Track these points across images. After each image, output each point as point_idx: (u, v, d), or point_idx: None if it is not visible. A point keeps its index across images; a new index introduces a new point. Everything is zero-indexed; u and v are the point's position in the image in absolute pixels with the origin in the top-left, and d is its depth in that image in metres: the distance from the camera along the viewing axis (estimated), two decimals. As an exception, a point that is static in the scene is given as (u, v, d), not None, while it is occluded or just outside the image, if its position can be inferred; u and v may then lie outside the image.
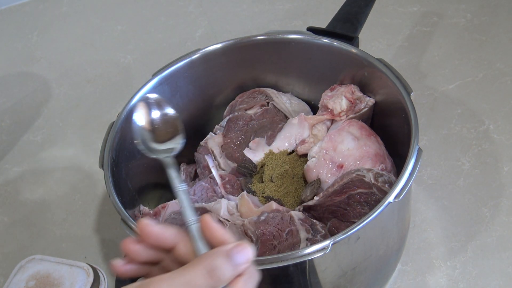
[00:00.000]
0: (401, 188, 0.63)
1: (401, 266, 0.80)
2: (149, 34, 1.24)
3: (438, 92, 1.01)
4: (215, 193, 0.80)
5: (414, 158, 0.66)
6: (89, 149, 1.04)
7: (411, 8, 1.18)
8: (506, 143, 0.92)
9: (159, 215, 0.78)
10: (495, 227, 0.83)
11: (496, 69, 1.04)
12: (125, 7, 1.32)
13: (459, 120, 0.97)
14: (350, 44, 0.81)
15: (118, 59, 1.19)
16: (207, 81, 0.87)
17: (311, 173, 0.78)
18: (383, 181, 0.72)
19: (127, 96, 0.80)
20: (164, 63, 0.83)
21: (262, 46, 0.85)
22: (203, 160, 0.85)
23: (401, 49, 1.10)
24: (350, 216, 0.72)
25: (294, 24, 1.19)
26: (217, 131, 0.89)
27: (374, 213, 0.61)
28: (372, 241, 0.66)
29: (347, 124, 0.79)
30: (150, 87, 0.81)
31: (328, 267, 0.64)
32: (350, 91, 0.82)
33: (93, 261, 0.87)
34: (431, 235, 0.83)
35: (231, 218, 0.74)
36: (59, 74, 1.20)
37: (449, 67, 1.05)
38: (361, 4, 0.87)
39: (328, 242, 0.60)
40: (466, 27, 1.12)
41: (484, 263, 0.79)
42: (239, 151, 0.84)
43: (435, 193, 0.88)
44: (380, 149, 0.78)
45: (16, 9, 1.37)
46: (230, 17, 1.24)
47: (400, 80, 0.74)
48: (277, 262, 0.60)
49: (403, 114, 0.72)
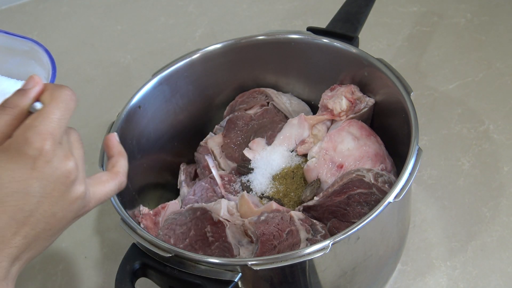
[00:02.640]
0: (401, 188, 0.63)
1: (401, 266, 0.80)
2: (149, 34, 1.24)
3: (438, 92, 1.01)
4: (215, 193, 0.80)
5: (414, 158, 0.66)
6: (89, 149, 1.03)
7: (411, 8, 1.18)
8: (506, 143, 0.92)
9: (159, 215, 0.78)
10: (495, 227, 0.83)
11: (496, 69, 1.04)
12: (125, 7, 1.32)
13: (459, 120, 0.96)
14: (350, 44, 0.81)
15: (118, 59, 1.19)
16: (207, 81, 0.87)
17: (311, 173, 0.78)
18: (383, 181, 0.72)
19: (127, 96, 0.80)
20: (164, 63, 0.83)
21: (262, 46, 0.85)
22: (203, 160, 0.85)
23: (401, 49, 1.10)
24: (350, 216, 0.72)
25: (294, 24, 1.19)
26: (217, 131, 0.89)
27: (374, 213, 0.61)
28: (372, 241, 0.66)
29: (347, 124, 0.79)
30: (150, 87, 0.81)
31: (328, 267, 0.65)
32: (350, 91, 0.82)
33: (93, 261, 0.88)
34: (431, 235, 0.83)
35: (231, 218, 0.74)
36: (59, 74, 1.19)
37: (449, 67, 1.05)
38: (361, 4, 0.87)
39: (328, 242, 0.60)
40: (466, 27, 1.12)
41: (484, 263, 0.79)
42: (239, 151, 0.84)
43: (435, 193, 0.88)
44: (380, 149, 0.78)
45: (16, 9, 1.37)
46: (230, 17, 1.24)
47: (400, 80, 0.74)
48: (277, 262, 0.60)
49: (403, 114, 0.72)
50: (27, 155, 0.48)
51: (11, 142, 0.49)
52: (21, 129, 0.49)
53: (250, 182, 0.81)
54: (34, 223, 0.49)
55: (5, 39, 0.70)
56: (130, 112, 0.78)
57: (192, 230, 0.74)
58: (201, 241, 0.73)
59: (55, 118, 0.49)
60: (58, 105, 0.50)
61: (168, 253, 0.62)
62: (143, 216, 0.78)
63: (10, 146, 0.48)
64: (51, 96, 0.51)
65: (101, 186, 0.55)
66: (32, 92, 0.51)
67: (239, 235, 0.72)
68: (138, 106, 0.80)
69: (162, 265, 0.63)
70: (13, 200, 0.48)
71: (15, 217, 0.48)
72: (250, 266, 0.60)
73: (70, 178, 0.50)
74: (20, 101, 0.51)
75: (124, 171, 0.58)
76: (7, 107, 0.50)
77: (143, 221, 0.77)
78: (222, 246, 0.71)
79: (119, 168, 0.58)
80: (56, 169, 0.49)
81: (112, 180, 0.56)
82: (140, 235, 0.65)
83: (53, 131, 0.49)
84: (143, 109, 0.80)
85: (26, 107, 0.51)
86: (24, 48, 0.70)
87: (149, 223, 0.77)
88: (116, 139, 0.61)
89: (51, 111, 0.50)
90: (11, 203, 0.48)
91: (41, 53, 0.68)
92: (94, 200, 0.54)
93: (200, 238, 0.73)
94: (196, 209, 0.75)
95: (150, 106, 0.81)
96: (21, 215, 0.48)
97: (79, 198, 0.51)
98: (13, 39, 0.70)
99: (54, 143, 0.49)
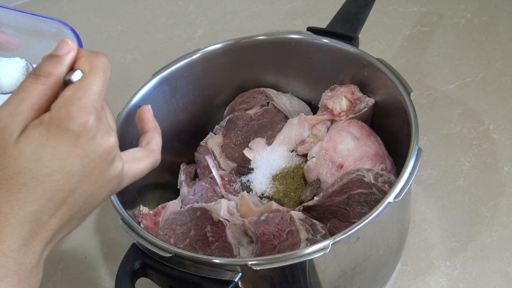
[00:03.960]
0: (401, 188, 0.63)
1: (401, 266, 0.80)
2: (149, 34, 1.24)
3: (438, 92, 1.01)
4: (215, 193, 0.80)
5: (414, 158, 0.66)
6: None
7: (411, 8, 1.18)
8: (506, 143, 0.92)
9: (159, 215, 0.78)
10: (495, 227, 0.83)
11: (496, 69, 1.04)
12: (125, 7, 1.32)
13: (459, 120, 0.97)
14: (350, 44, 0.81)
15: (118, 59, 1.19)
16: (207, 81, 0.87)
17: (311, 173, 0.78)
18: (383, 181, 0.72)
19: (127, 96, 0.80)
20: (164, 63, 0.83)
21: (262, 46, 0.85)
22: (203, 160, 0.85)
23: (401, 49, 1.10)
24: (350, 216, 0.72)
25: (294, 24, 1.19)
26: (217, 131, 0.89)
27: (374, 213, 0.61)
28: (372, 241, 0.66)
29: (347, 124, 0.79)
30: (150, 87, 0.81)
31: (328, 267, 0.65)
32: (350, 91, 0.82)
33: (93, 261, 0.88)
34: (431, 235, 0.83)
35: (231, 218, 0.74)
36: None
37: (449, 67, 1.05)
38: (361, 4, 0.86)
39: (328, 242, 0.60)
40: (466, 27, 1.12)
41: (484, 263, 0.79)
42: (239, 151, 0.84)
43: (435, 193, 0.88)
44: (380, 149, 0.78)
45: (16, 9, 1.37)
46: (230, 17, 1.24)
47: (400, 80, 0.74)
48: (277, 262, 0.60)
49: (403, 114, 0.72)
50: (70, 131, 0.45)
51: (52, 116, 0.45)
52: (62, 102, 0.45)
53: (250, 182, 0.81)
54: (71, 203, 0.46)
55: (32, 21, 0.68)
56: (130, 112, 0.78)
57: (192, 230, 0.74)
58: (201, 241, 0.73)
59: (97, 90, 0.46)
60: (99, 74, 0.46)
61: (168, 253, 0.62)
62: (143, 216, 0.78)
63: (51, 121, 0.45)
64: (90, 64, 0.47)
65: (136, 163, 0.51)
66: (67, 58, 0.47)
67: (239, 235, 0.72)
68: (138, 106, 0.79)
69: (162, 265, 0.63)
70: (53, 180, 0.44)
71: (54, 198, 0.45)
72: (250, 266, 0.60)
73: (111, 155, 0.47)
74: (54, 68, 0.46)
75: (159, 148, 0.54)
76: (40, 75, 0.46)
77: (143, 221, 0.77)
78: (222, 246, 0.71)
79: (154, 145, 0.54)
80: (99, 145, 0.46)
81: (147, 158, 0.53)
82: (140, 235, 0.65)
83: (96, 105, 0.46)
84: (143, 109, 0.80)
85: (62, 75, 0.47)
86: (50, 30, 0.68)
87: (149, 223, 0.77)
88: (150, 112, 0.55)
89: (93, 82, 0.46)
90: (51, 183, 0.44)
91: (68, 34, 0.66)
92: (128, 177, 0.51)
93: (200, 238, 0.73)
94: (196, 209, 0.75)
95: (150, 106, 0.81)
96: (60, 195, 0.45)
97: (117, 176, 0.48)
98: (40, 20, 0.68)
99: (97, 117, 0.46)
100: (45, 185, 0.44)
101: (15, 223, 0.44)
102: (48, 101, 0.46)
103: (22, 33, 0.69)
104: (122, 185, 0.51)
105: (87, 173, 0.46)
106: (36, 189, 0.44)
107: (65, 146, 0.45)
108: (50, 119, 0.45)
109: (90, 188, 0.47)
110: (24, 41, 0.69)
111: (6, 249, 0.44)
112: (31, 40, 0.69)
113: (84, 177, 0.46)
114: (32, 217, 0.45)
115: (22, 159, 0.44)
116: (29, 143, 0.44)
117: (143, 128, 0.55)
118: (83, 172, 0.46)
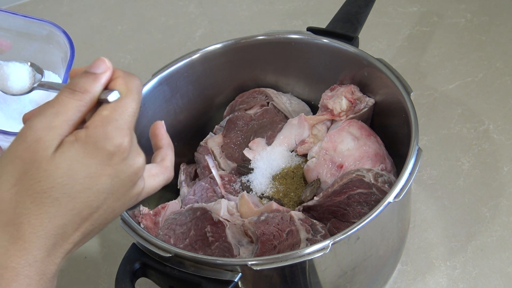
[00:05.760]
0: (401, 188, 0.63)
1: (401, 266, 0.80)
2: (149, 34, 1.24)
3: (438, 92, 1.01)
4: (215, 193, 0.80)
5: (414, 158, 0.66)
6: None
7: (411, 8, 1.18)
8: (506, 143, 0.92)
9: (159, 215, 0.78)
10: (495, 227, 0.83)
11: (496, 69, 1.04)
12: (125, 7, 1.32)
13: (459, 120, 0.97)
14: (350, 44, 0.81)
15: (118, 59, 1.19)
16: (207, 81, 0.87)
17: (311, 173, 0.78)
18: (383, 181, 0.72)
19: (127, 96, 0.80)
20: (164, 63, 0.83)
21: (262, 46, 0.85)
22: (203, 160, 0.85)
23: (401, 49, 1.10)
24: (350, 216, 0.72)
25: (294, 24, 1.19)
26: (217, 131, 0.89)
27: (374, 213, 0.62)
28: (372, 241, 0.66)
29: (347, 124, 0.79)
30: (150, 87, 0.81)
31: (328, 267, 0.65)
32: (350, 91, 0.82)
33: (93, 261, 0.88)
34: (431, 235, 0.83)
35: (231, 218, 0.74)
36: (59, 74, 1.20)
37: (449, 67, 1.05)
38: (361, 4, 0.87)
39: (328, 242, 0.60)
40: (466, 27, 1.12)
41: (484, 263, 0.79)
42: (239, 151, 0.84)
43: (435, 193, 0.88)
44: (380, 149, 0.78)
45: (16, 9, 1.37)
46: (230, 17, 1.24)
47: (400, 80, 0.74)
48: (277, 262, 0.60)
49: (403, 114, 0.72)
50: (105, 150, 0.46)
51: (89, 134, 0.46)
52: (99, 121, 0.46)
53: (250, 182, 0.81)
54: (95, 219, 0.48)
55: (24, 24, 0.68)
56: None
57: (192, 230, 0.74)
58: (201, 241, 0.73)
59: (132, 112, 0.47)
60: (134, 96, 0.48)
61: (168, 253, 0.62)
62: (143, 216, 0.78)
63: (87, 139, 0.46)
64: (127, 86, 0.48)
65: (152, 180, 0.53)
66: (103, 77, 0.48)
67: (239, 235, 0.73)
68: (140, 106, 0.79)
69: (162, 265, 0.63)
70: (84, 196, 0.46)
71: (81, 214, 0.46)
72: (250, 266, 0.60)
73: (138, 175, 0.49)
74: (91, 86, 0.47)
75: (172, 165, 0.56)
76: (77, 91, 0.47)
77: (143, 221, 0.77)
78: (222, 246, 0.71)
79: (168, 162, 0.55)
80: (129, 166, 0.47)
81: (162, 174, 0.54)
82: (140, 235, 0.65)
83: (130, 126, 0.47)
84: (143, 109, 0.80)
85: (97, 93, 0.47)
86: (42, 32, 0.69)
87: (149, 223, 0.77)
88: (164, 129, 0.57)
89: (129, 104, 0.47)
90: (81, 199, 0.46)
91: (59, 36, 0.67)
92: (144, 193, 0.52)
93: (200, 238, 0.73)
94: (196, 209, 0.75)
95: (150, 106, 0.81)
96: (87, 211, 0.46)
97: (138, 193, 0.50)
98: (31, 22, 0.68)
99: (132, 139, 0.47)
100: (75, 200, 0.46)
101: (43, 235, 0.45)
102: (81, 118, 0.47)
103: (13, 35, 0.69)
104: (138, 200, 0.52)
105: (114, 191, 0.47)
106: (67, 204, 0.45)
107: (98, 164, 0.46)
108: (86, 137, 0.46)
109: (113, 204, 0.48)
110: (15, 43, 0.69)
111: (32, 259, 0.45)
112: (22, 42, 0.69)
113: (111, 194, 0.47)
114: (59, 230, 0.46)
115: (57, 175, 0.45)
116: (64, 159, 0.45)
117: (157, 144, 0.57)
118: (110, 190, 0.47)
